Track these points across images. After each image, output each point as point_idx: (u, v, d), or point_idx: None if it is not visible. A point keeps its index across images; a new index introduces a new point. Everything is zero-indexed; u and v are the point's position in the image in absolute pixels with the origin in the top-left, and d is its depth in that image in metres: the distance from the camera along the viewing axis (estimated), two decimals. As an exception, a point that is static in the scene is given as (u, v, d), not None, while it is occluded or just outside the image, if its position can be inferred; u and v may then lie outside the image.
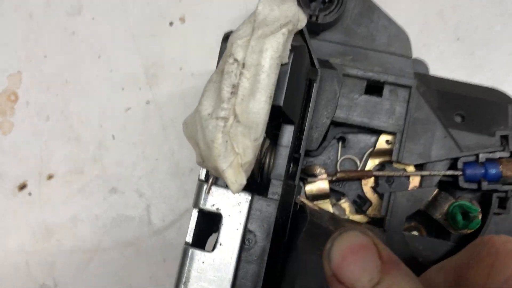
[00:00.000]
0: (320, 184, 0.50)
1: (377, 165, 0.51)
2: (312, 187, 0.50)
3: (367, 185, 0.51)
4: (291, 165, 0.45)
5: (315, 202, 0.51)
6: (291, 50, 0.38)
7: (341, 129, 0.51)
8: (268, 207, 0.40)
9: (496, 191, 0.49)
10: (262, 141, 0.35)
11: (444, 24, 0.59)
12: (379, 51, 0.52)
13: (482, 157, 0.49)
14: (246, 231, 0.39)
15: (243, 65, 0.34)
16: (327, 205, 0.51)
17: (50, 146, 0.60)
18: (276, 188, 0.41)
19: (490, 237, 0.30)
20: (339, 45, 0.52)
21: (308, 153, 0.51)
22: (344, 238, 0.32)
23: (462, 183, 0.49)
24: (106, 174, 0.60)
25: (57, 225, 0.59)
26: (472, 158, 0.49)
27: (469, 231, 0.48)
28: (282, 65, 0.38)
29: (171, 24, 0.61)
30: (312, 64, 0.45)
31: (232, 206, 0.40)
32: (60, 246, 0.60)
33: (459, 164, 0.49)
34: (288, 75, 0.38)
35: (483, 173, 0.48)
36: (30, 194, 0.58)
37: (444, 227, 0.49)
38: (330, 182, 0.50)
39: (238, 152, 0.33)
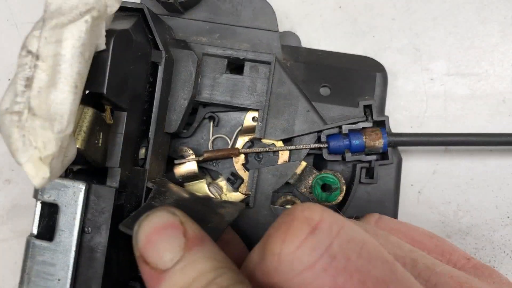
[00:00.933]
0: (188, 165, 0.50)
1: (247, 142, 0.51)
2: (180, 169, 0.50)
3: (238, 162, 0.51)
4: (142, 150, 0.45)
5: (189, 184, 0.51)
6: (110, 36, 0.38)
7: (210, 109, 0.51)
8: (106, 195, 0.40)
9: (359, 161, 0.49)
10: (71, 130, 0.35)
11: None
12: (245, 27, 0.51)
13: (345, 128, 0.48)
14: (84, 219, 0.40)
15: (37, 57, 0.34)
16: (202, 185, 0.51)
17: None
18: (114, 176, 0.41)
19: (293, 206, 0.30)
20: (205, 23, 0.51)
21: (177, 135, 0.51)
22: (150, 219, 0.32)
23: (326, 155, 0.49)
24: None
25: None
26: (335, 131, 0.49)
27: (332, 203, 0.48)
28: (99, 52, 0.37)
29: (52, 10, 0.60)
30: (156, 47, 0.44)
31: (69, 196, 0.40)
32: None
33: (323, 137, 0.49)
34: (109, 61, 0.38)
35: (347, 144, 0.48)
36: None
37: (311, 201, 0.49)
38: (200, 162, 0.50)
39: (36, 146, 0.33)
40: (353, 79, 0.50)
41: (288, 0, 0.57)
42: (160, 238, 0.32)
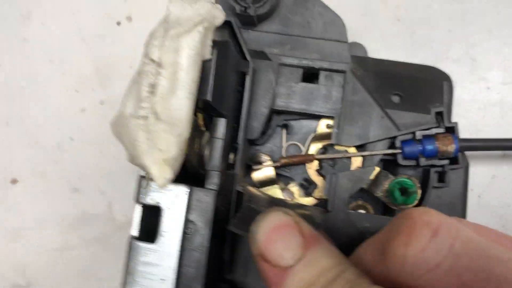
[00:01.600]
0: (266, 171, 0.52)
1: (320, 148, 0.53)
2: (258, 174, 0.52)
3: (312, 168, 0.53)
4: (231, 155, 0.47)
5: (264, 188, 0.53)
6: (213, 46, 0.40)
7: (284, 117, 0.53)
8: (207, 197, 0.42)
9: (433, 166, 0.51)
10: (188, 135, 0.37)
11: (384, 6, 0.61)
12: (316, 38, 0.53)
13: (418, 134, 0.51)
14: (186, 221, 0.41)
15: (160, 65, 0.36)
16: (276, 190, 0.53)
17: (11, 151, 0.62)
18: (213, 179, 0.42)
19: (409, 210, 0.31)
20: (277, 35, 0.53)
21: (253, 142, 0.53)
22: (268, 219, 0.34)
23: (401, 160, 0.51)
24: (67, 175, 0.62)
25: (25, 227, 0.61)
26: (409, 136, 0.51)
27: (409, 206, 0.50)
28: (205, 61, 0.39)
29: (118, 23, 0.62)
30: (244, 57, 0.46)
31: (171, 199, 0.42)
32: (29, 247, 0.62)
33: (397, 143, 0.51)
34: (213, 70, 0.40)
35: (420, 149, 0.50)
36: (-5, 199, 0.60)
37: (387, 204, 0.51)
38: (276, 168, 0.52)
39: (161, 148, 0.35)
40: (422, 87, 0.52)
41: (349, 14, 0.59)
42: (280, 237, 0.33)
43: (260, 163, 0.52)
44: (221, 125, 0.43)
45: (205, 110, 0.43)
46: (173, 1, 0.36)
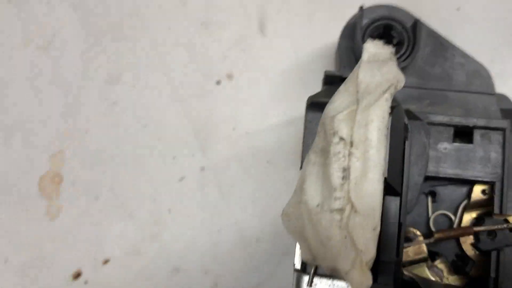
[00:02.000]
0: (417, 249, 0.44)
1: (474, 218, 0.46)
2: (408, 252, 0.44)
3: (467, 242, 0.45)
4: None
5: (410, 267, 0.45)
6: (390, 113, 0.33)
7: (430, 183, 0.46)
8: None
9: None
10: (380, 227, 0.30)
11: (514, 50, 0.54)
12: (458, 91, 0.47)
13: None
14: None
15: (351, 144, 0.29)
16: (422, 268, 0.46)
17: (102, 227, 0.55)
18: (388, 274, 0.35)
19: None
20: (413, 89, 0.47)
21: (396, 213, 0.45)
22: None
23: None
24: (165, 252, 0.55)
25: (119, 312, 0.54)
26: None
27: None
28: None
29: (218, 82, 0.56)
30: (401, 120, 0.40)
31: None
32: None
33: None
34: (388, 140, 0.33)
35: None
36: (86, 282, 0.53)
37: None
38: (430, 244, 0.45)
39: (360, 248, 0.28)
40: None
41: (477, 57, 0.53)
42: None
43: (409, 239, 0.44)
44: (395, 206, 0.36)
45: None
46: (363, 66, 0.30)
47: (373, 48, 0.31)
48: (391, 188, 0.35)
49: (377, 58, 0.31)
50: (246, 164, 0.56)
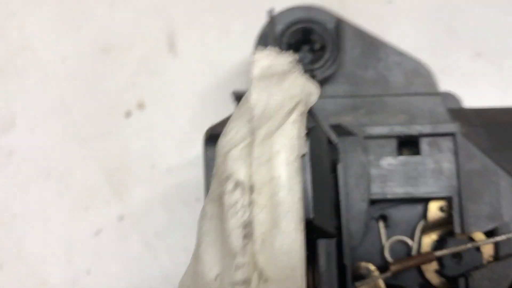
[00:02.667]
0: (373, 286, 0.37)
1: (436, 240, 0.39)
2: (362, 292, 0.37)
3: (430, 269, 0.39)
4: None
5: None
6: (306, 136, 0.26)
7: (380, 206, 0.39)
8: None
9: None
10: (305, 289, 0.23)
11: (457, 41, 0.49)
12: (397, 95, 0.40)
13: None
14: None
15: (251, 189, 0.22)
16: (384, 306, 0.39)
17: (10, 301, 0.46)
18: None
19: None
20: (346, 98, 0.40)
21: (343, 247, 0.38)
22: None
23: (551, 240, 0.37)
24: (88, 321, 0.46)
25: None
26: (557, 205, 0.38)
27: None
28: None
29: (127, 114, 0.49)
30: (328, 140, 0.33)
31: None
32: None
33: (543, 216, 0.37)
34: (309, 170, 0.26)
35: None
36: None
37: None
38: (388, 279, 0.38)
39: (277, 329, 0.21)
40: (550, 136, 0.40)
41: (416, 54, 0.47)
42: None
43: (362, 277, 0.37)
44: (330, 250, 0.29)
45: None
46: (255, 85, 0.23)
47: (265, 60, 0.24)
48: (321, 230, 0.28)
49: (273, 72, 0.24)
50: (172, 206, 0.48)
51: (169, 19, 0.50)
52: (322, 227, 0.27)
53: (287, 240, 0.22)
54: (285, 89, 0.24)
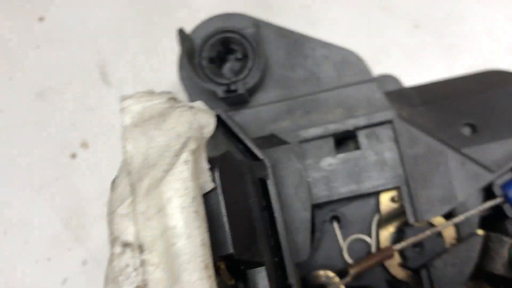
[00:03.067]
0: (335, 293, 0.36)
1: (394, 232, 0.38)
2: (325, 302, 0.36)
3: (393, 263, 0.37)
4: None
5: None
6: (212, 168, 0.25)
7: (329, 207, 0.38)
8: None
9: (559, 203, 0.35)
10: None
11: (393, 15, 0.47)
12: (331, 90, 0.39)
13: (522, 168, 0.36)
14: None
15: (141, 248, 0.20)
16: (354, 309, 0.37)
17: None
18: None
19: None
20: (279, 103, 0.39)
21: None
22: None
23: (510, 211, 0.36)
24: None
25: None
26: (509, 176, 0.36)
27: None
28: (206, 195, 0.25)
29: (73, 156, 0.47)
30: (253, 156, 0.32)
31: None
32: None
33: (496, 189, 0.36)
34: (224, 204, 0.25)
35: (531, 187, 0.35)
36: None
37: (516, 280, 0.36)
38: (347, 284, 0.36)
39: None
40: (495, 103, 0.38)
41: (353, 39, 0.46)
42: None
43: (322, 285, 0.36)
44: (261, 279, 0.27)
45: (228, 263, 0.28)
46: (128, 134, 0.21)
47: (136, 105, 0.22)
48: (245, 262, 0.26)
49: (149, 115, 0.22)
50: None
51: (97, 50, 0.49)
52: (244, 259, 0.25)
53: (191, 291, 0.21)
54: (168, 129, 0.22)
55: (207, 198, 0.25)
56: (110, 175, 0.47)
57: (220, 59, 0.40)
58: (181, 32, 0.37)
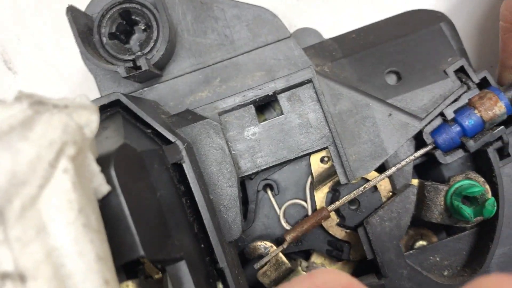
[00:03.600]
0: (275, 263, 0.35)
1: (329, 192, 0.36)
2: (266, 272, 0.35)
3: (332, 225, 0.36)
4: (219, 286, 0.30)
5: (285, 281, 0.36)
6: (106, 166, 0.23)
7: (260, 177, 0.36)
8: None
9: (488, 144, 0.34)
10: None
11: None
12: (247, 52, 0.36)
13: (448, 112, 0.34)
14: None
15: (22, 277, 0.18)
16: (298, 274, 0.37)
17: None
18: None
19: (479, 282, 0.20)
20: (195, 72, 0.36)
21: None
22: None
23: (441, 157, 0.35)
24: None
25: None
26: (438, 122, 0.35)
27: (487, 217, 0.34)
28: (104, 200, 0.22)
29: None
30: (164, 139, 0.29)
31: None
32: None
33: (426, 137, 0.35)
34: (126, 205, 0.23)
35: (459, 131, 0.34)
36: None
37: (454, 226, 0.35)
38: (285, 250, 0.35)
39: None
40: (418, 46, 0.36)
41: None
42: None
43: (261, 256, 0.35)
44: (182, 271, 0.26)
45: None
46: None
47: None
48: (161, 261, 0.24)
49: (9, 126, 0.19)
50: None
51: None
52: (159, 258, 0.24)
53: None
54: (37, 138, 0.19)
55: (106, 201, 0.22)
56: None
57: (125, 33, 0.36)
58: (70, 10, 0.33)
